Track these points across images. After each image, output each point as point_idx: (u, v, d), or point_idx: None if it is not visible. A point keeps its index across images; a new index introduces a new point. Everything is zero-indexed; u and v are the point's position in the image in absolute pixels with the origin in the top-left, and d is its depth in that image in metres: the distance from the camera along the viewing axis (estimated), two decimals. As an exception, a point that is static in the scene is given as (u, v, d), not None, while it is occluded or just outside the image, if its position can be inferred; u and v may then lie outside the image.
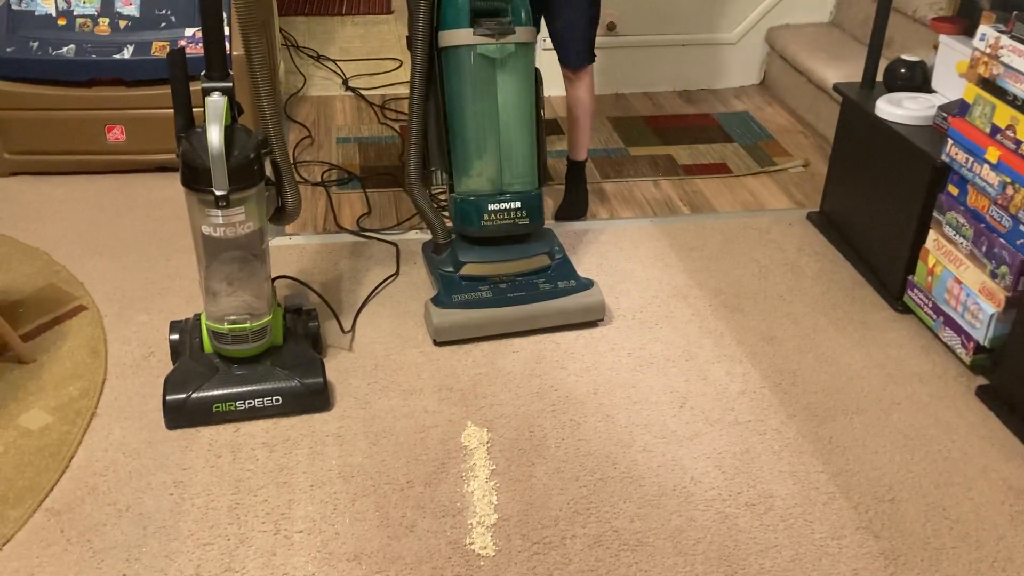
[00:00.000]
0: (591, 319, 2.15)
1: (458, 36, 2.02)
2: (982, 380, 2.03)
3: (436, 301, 2.09)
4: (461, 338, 2.08)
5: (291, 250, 2.45)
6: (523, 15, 2.06)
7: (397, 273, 2.35)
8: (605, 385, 2.00)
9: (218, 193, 1.68)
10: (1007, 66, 1.87)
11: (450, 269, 2.16)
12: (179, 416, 1.84)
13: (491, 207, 2.11)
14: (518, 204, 2.12)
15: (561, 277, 2.16)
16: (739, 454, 1.83)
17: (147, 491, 1.70)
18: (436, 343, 2.07)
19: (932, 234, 2.13)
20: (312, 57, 3.70)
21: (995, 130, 1.92)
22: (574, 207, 2.63)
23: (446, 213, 2.31)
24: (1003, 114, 1.89)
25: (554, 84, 2.50)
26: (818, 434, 1.88)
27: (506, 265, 2.16)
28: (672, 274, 2.39)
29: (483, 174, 2.11)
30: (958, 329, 2.06)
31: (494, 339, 2.11)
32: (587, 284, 2.15)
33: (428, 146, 2.15)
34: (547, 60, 2.51)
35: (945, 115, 2.15)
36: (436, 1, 2.03)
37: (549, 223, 2.48)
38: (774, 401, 1.97)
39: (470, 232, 2.14)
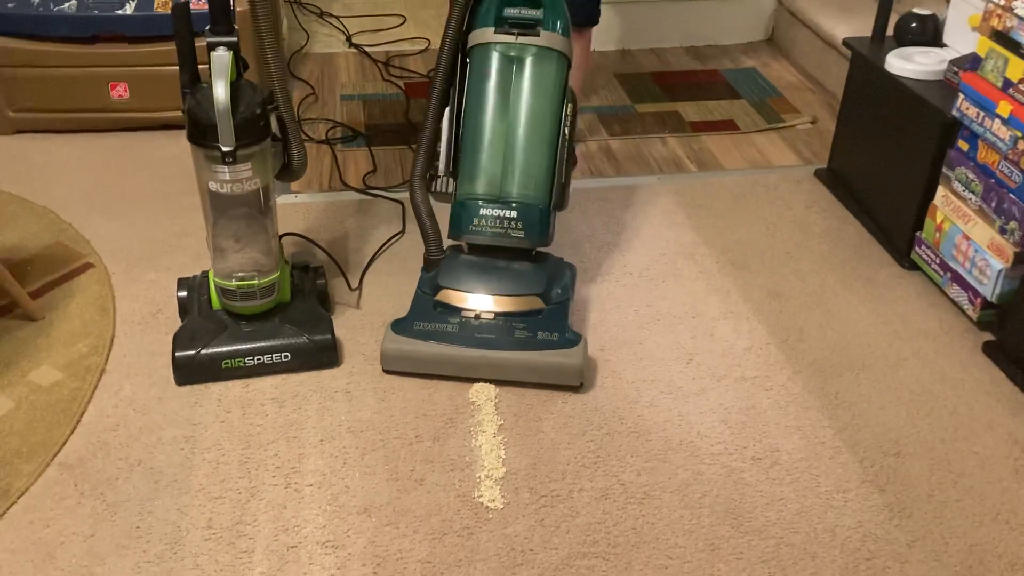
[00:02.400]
0: (565, 383, 1.83)
1: (481, 35, 1.93)
2: (988, 336, 2.03)
3: (396, 323, 1.87)
4: (410, 371, 1.86)
5: (297, 208, 2.44)
6: (556, 23, 1.92)
7: (403, 231, 2.34)
8: (612, 342, 2.01)
9: (224, 149, 1.68)
10: (1021, 18, 1.85)
11: (427, 290, 1.93)
12: (188, 372, 1.85)
13: (483, 211, 1.90)
14: (514, 214, 1.90)
15: (546, 327, 1.86)
16: (745, 409, 1.83)
17: (158, 446, 1.72)
18: (384, 370, 1.87)
19: (941, 190, 2.12)
20: (315, 14, 3.66)
21: (1007, 84, 1.90)
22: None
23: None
24: (1016, 68, 1.87)
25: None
26: (824, 390, 1.89)
27: (489, 300, 1.89)
28: (679, 231, 2.39)
29: (485, 178, 1.92)
30: (965, 285, 2.05)
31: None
32: (571, 340, 1.83)
33: (439, 151, 2.00)
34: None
35: (956, 69, 2.13)
36: (471, 5, 1.94)
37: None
38: (780, 357, 1.97)
39: (458, 236, 1.93)
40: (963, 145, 2.05)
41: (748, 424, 1.80)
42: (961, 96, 2.02)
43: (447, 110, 1.97)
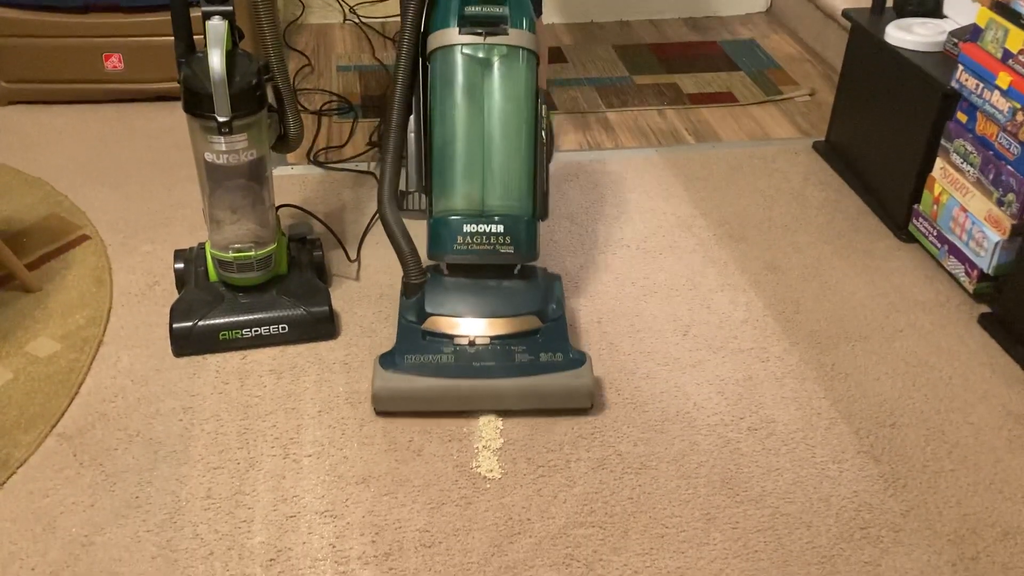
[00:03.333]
0: (575, 406, 1.72)
1: (445, 36, 1.78)
2: (985, 308, 2.03)
3: (384, 360, 1.70)
4: (406, 411, 1.72)
5: (293, 180, 2.43)
6: (523, 20, 1.80)
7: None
8: (609, 314, 2.01)
9: (221, 119, 1.67)
10: (1021, -11, 1.84)
11: (413, 319, 1.78)
12: (186, 344, 1.85)
13: (467, 228, 1.75)
14: (501, 228, 1.75)
15: (547, 347, 1.74)
16: (742, 380, 1.84)
17: (156, 417, 1.72)
18: (377, 412, 1.73)
19: (939, 162, 2.12)
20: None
21: (1007, 55, 1.89)
22: None
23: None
24: (1016, 38, 1.86)
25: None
26: (820, 361, 1.89)
27: (482, 323, 1.76)
28: (676, 204, 2.38)
29: (462, 192, 1.77)
30: (962, 257, 2.06)
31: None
32: (577, 360, 1.71)
33: (406, 166, 1.86)
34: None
35: (956, 41, 2.12)
36: (427, 5, 1.81)
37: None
38: (777, 329, 1.98)
39: (441, 257, 1.79)
40: (962, 117, 2.04)
41: (744, 395, 1.81)
42: (960, 67, 2.01)
43: (411, 120, 1.83)
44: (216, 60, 1.63)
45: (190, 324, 1.84)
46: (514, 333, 1.76)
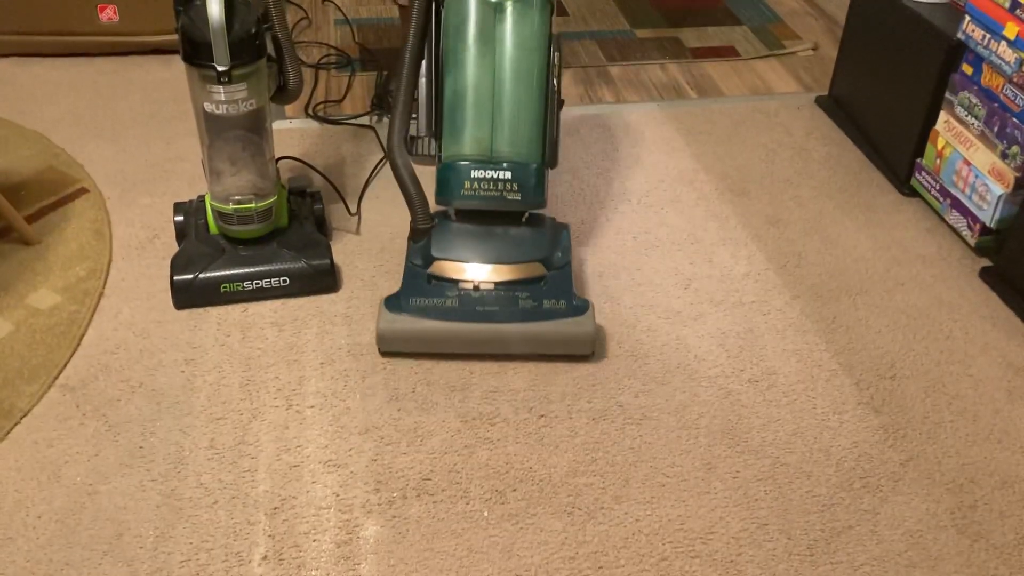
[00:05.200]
0: (576, 353, 1.75)
1: None
2: (986, 262, 2.03)
3: (389, 302, 1.73)
4: (409, 351, 1.75)
5: (292, 133, 2.41)
6: None
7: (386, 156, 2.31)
8: (610, 268, 2.01)
9: (220, 68, 1.65)
10: (1031, -63, 1.81)
11: (419, 263, 1.80)
12: (187, 296, 1.84)
13: (475, 174, 1.75)
14: (508, 175, 1.75)
15: (551, 294, 1.75)
16: (743, 333, 1.85)
17: (159, 368, 1.73)
18: (380, 352, 1.76)
19: (943, 115, 2.10)
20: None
21: (1015, 5, 1.87)
22: None
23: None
24: (1024, -12, 1.84)
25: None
26: (822, 314, 1.90)
27: (487, 269, 1.78)
28: (678, 158, 2.37)
29: (471, 137, 1.77)
30: (965, 211, 2.05)
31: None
32: (580, 307, 1.74)
33: (417, 110, 1.85)
34: None
35: (963, -9, 2.09)
36: None
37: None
38: (778, 283, 1.98)
39: (448, 202, 1.79)
40: (967, 69, 2.02)
41: (745, 348, 1.81)
42: (967, 18, 1.99)
43: (423, 65, 1.82)
44: (215, 8, 1.60)
45: (191, 276, 1.83)
46: (518, 279, 1.77)
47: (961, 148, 2.05)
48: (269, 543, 1.43)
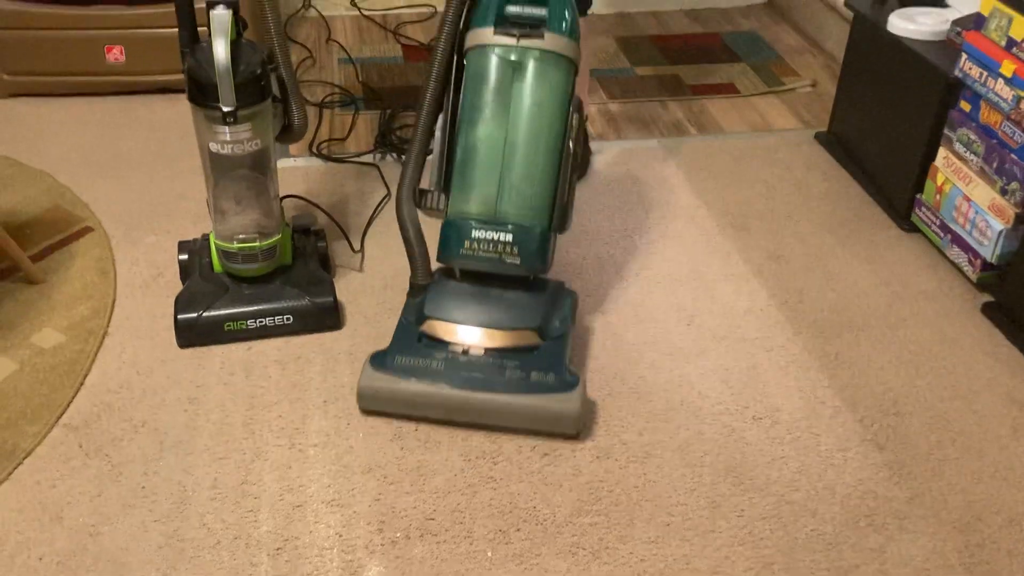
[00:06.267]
0: (559, 432, 1.66)
1: (480, 35, 1.72)
2: (988, 297, 2.04)
3: (374, 358, 1.69)
4: (388, 411, 1.70)
5: (296, 172, 2.43)
6: (563, 24, 1.71)
7: (389, 194, 2.33)
8: (612, 304, 2.01)
9: (225, 109, 1.66)
10: (1025, -23, 1.84)
11: (412, 318, 1.76)
12: (191, 335, 1.85)
13: (476, 233, 1.70)
14: (509, 237, 1.69)
15: (541, 366, 1.67)
16: (746, 370, 1.85)
17: (162, 407, 1.73)
18: (361, 410, 1.72)
19: (942, 151, 2.12)
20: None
21: (1011, 43, 1.89)
22: None
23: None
24: (1020, 26, 1.86)
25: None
26: (824, 350, 1.90)
27: (479, 332, 1.72)
28: (679, 194, 2.39)
29: (478, 196, 1.72)
30: (965, 247, 2.06)
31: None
32: (569, 383, 1.65)
33: (430, 163, 1.81)
34: None
35: (959, 29, 2.12)
36: (469, 3, 1.75)
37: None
38: (781, 318, 1.98)
39: (447, 260, 1.75)
40: (965, 106, 2.04)
41: (749, 384, 1.81)
42: (964, 56, 2.01)
43: (440, 117, 1.79)
44: (221, 49, 1.63)
45: (195, 315, 1.84)
46: (510, 347, 1.71)
47: (961, 184, 2.06)
48: (272, 584, 1.43)
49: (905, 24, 2.23)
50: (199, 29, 1.72)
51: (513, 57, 1.70)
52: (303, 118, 1.87)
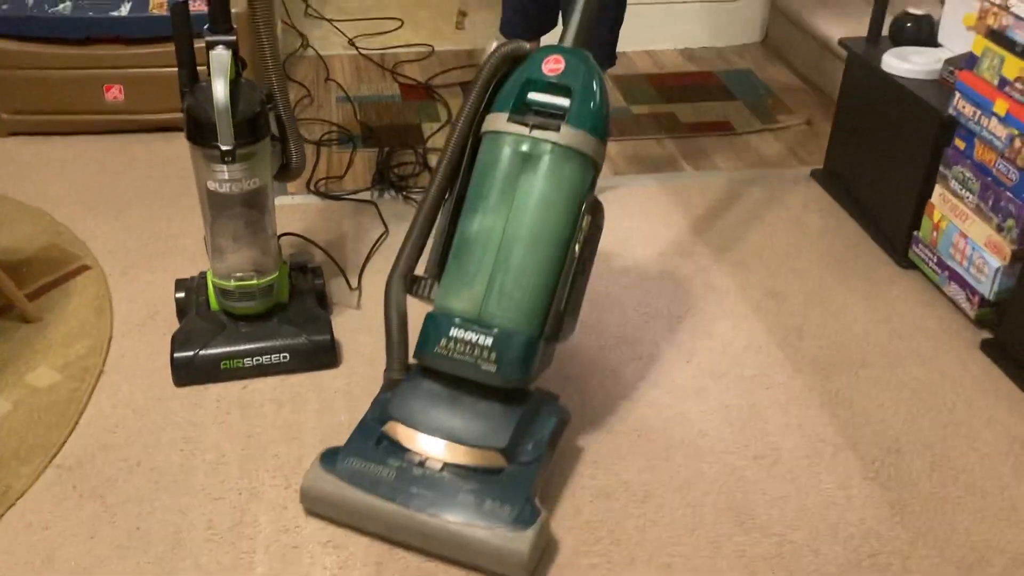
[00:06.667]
0: (501, 573, 1.45)
1: (495, 121, 1.61)
2: (987, 334, 2.03)
3: (325, 456, 1.56)
4: (329, 517, 1.55)
5: (294, 209, 2.43)
6: (585, 119, 1.57)
7: (387, 231, 2.33)
8: (611, 341, 2.00)
9: (224, 148, 1.67)
10: (1017, 16, 1.86)
11: (376, 416, 1.62)
12: (187, 373, 1.84)
13: (453, 332, 1.54)
14: (489, 341, 1.53)
15: (500, 494, 1.47)
16: (746, 408, 1.84)
17: (157, 447, 1.71)
18: (306, 512, 1.58)
19: (938, 189, 2.13)
20: (314, 17, 3.65)
21: (1003, 82, 1.91)
22: None
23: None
24: (1012, 66, 1.88)
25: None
26: (824, 388, 1.89)
27: (441, 445, 1.54)
28: (676, 231, 2.39)
29: (465, 291, 1.57)
30: (963, 283, 2.06)
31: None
32: (525, 519, 1.44)
33: (430, 248, 1.70)
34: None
35: (952, 68, 2.14)
36: (496, 85, 1.64)
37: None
38: (780, 356, 1.97)
39: (420, 358, 1.60)
40: (960, 144, 2.06)
41: (749, 422, 1.80)
42: (957, 95, 2.03)
43: (447, 202, 1.68)
44: (220, 89, 1.63)
45: (191, 353, 1.83)
46: (472, 466, 1.52)
47: (957, 221, 2.07)
48: (267, 628, 1.40)
49: (899, 63, 2.26)
50: (198, 68, 1.74)
51: (524, 148, 1.57)
52: (301, 157, 1.88)
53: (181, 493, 1.62)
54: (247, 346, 1.85)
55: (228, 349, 1.84)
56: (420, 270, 1.71)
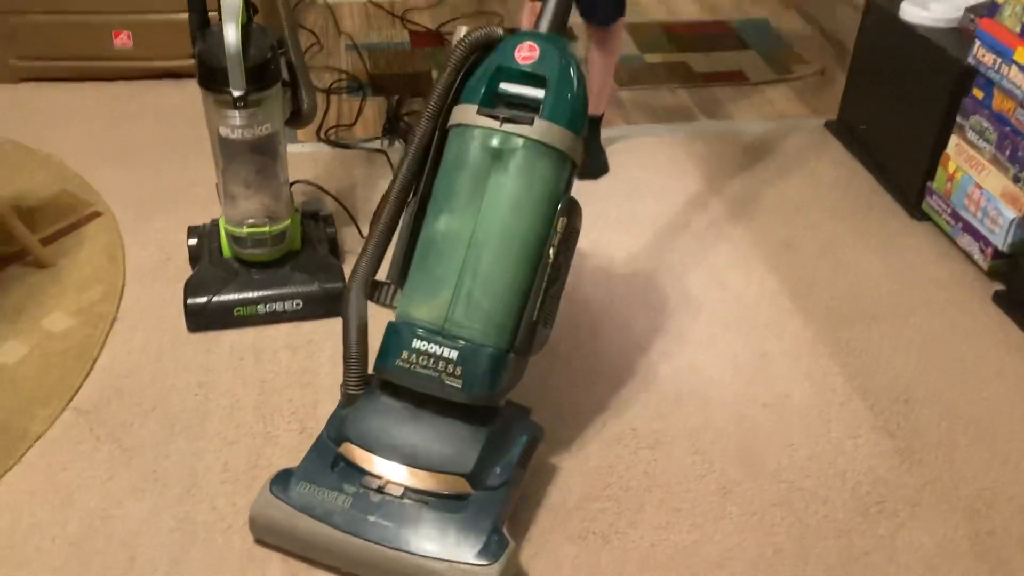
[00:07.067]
0: None
1: (463, 113, 1.46)
2: (999, 286, 2.03)
3: (277, 480, 1.43)
4: (281, 547, 1.44)
5: (304, 157, 2.42)
6: (560, 112, 1.43)
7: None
8: (622, 292, 2.01)
9: (236, 93, 1.66)
10: (1041, -37, 1.82)
11: (332, 435, 1.49)
12: (200, 320, 1.85)
13: (417, 344, 1.41)
14: (454, 355, 1.39)
15: (463, 524, 1.36)
16: (756, 358, 1.84)
17: (172, 392, 1.73)
18: (255, 540, 1.46)
19: (954, 139, 2.11)
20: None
21: (1025, 30, 1.88)
22: (587, 167, 2.27)
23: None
24: (1034, 13, 1.85)
25: None
26: (835, 338, 1.89)
27: (401, 469, 1.41)
28: (688, 182, 2.38)
29: (429, 298, 1.44)
30: (976, 235, 2.05)
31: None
32: (491, 552, 1.33)
33: (392, 252, 1.56)
34: None
35: (973, 16, 2.11)
36: (464, 75, 1.50)
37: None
38: (791, 307, 1.97)
39: (380, 371, 1.46)
40: (978, 93, 2.03)
41: (759, 372, 1.81)
42: (977, 43, 2.00)
43: (411, 202, 1.54)
44: (231, 34, 1.62)
45: (204, 300, 1.84)
46: (434, 491, 1.40)
47: (972, 172, 2.05)
48: (283, 567, 1.43)
49: (918, 11, 2.22)
50: (209, 14, 1.72)
51: (494, 143, 1.42)
52: (312, 103, 1.87)
53: (196, 437, 1.64)
54: (260, 293, 1.86)
55: (241, 296, 1.85)
56: (382, 275, 1.56)
